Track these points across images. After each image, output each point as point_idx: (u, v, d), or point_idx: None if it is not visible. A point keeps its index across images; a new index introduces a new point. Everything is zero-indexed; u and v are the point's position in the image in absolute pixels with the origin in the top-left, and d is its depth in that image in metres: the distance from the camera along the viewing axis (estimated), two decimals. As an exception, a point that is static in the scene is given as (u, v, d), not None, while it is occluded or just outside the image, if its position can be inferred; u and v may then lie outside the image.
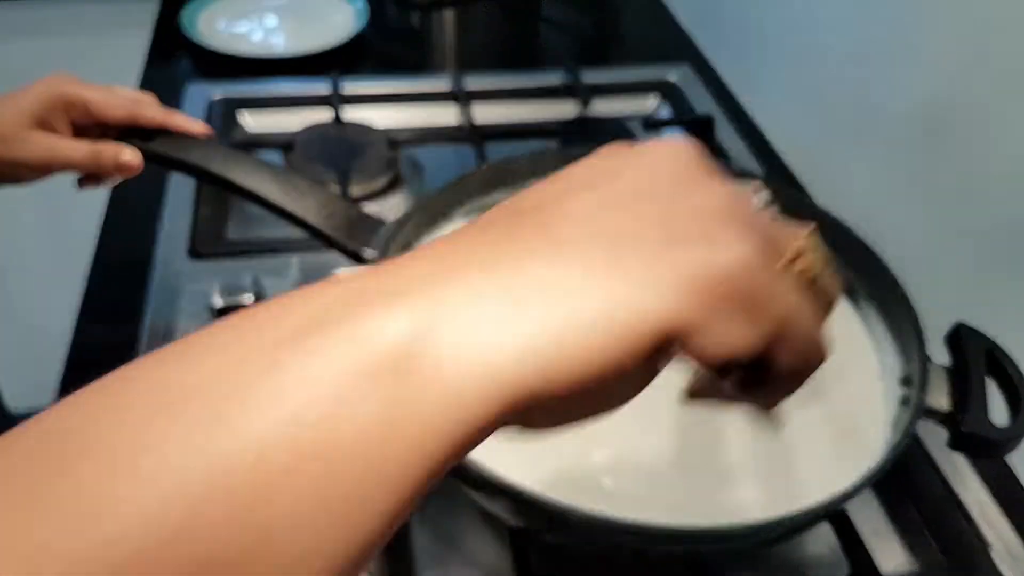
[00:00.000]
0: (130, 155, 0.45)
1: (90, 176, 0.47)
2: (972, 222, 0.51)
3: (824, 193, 0.66)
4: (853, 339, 0.44)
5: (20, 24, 0.98)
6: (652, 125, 0.73)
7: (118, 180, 0.47)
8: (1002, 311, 0.48)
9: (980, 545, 0.44)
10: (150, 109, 0.46)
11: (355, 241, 0.45)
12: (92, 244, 0.59)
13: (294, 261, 0.54)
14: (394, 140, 0.68)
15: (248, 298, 0.48)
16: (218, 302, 0.48)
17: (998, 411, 0.39)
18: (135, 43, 0.84)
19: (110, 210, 0.62)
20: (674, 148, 0.19)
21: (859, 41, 0.62)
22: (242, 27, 0.86)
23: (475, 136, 0.68)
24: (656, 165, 0.19)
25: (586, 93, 0.74)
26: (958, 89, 0.52)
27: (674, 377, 0.44)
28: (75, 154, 0.44)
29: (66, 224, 0.87)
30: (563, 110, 0.75)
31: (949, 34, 0.52)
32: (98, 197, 0.63)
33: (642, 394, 0.41)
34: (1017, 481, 0.47)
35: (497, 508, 0.37)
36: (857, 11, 0.62)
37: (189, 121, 0.46)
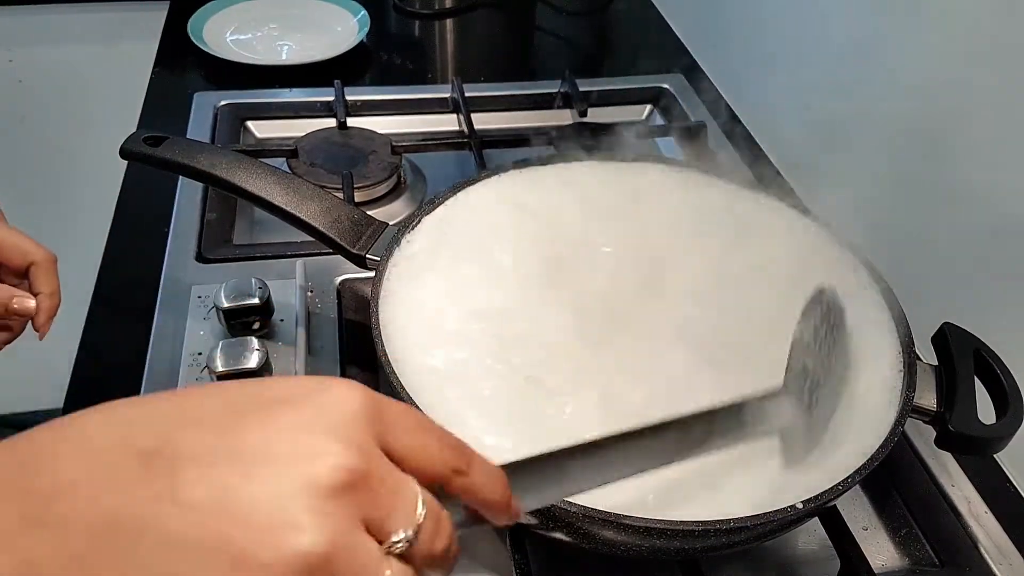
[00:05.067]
0: (21, 303, 0.42)
1: None
2: (961, 225, 0.52)
3: (816, 199, 0.67)
4: (879, 331, 0.45)
5: (29, 32, 1.00)
6: (645, 133, 0.74)
7: (15, 333, 0.44)
8: (989, 311, 0.49)
9: (969, 541, 0.44)
10: (46, 271, 0.43)
11: (358, 244, 0.46)
12: (101, 248, 0.60)
13: (299, 264, 0.55)
14: (396, 146, 0.69)
15: (254, 301, 0.49)
16: (224, 304, 0.49)
17: (985, 410, 0.40)
18: (143, 52, 0.85)
19: (119, 215, 0.63)
20: (329, 412, 0.19)
21: (851, 49, 0.63)
22: (248, 37, 0.88)
23: (474, 142, 0.70)
24: (298, 430, 0.19)
25: (582, 101, 0.76)
26: (947, 97, 0.53)
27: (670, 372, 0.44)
28: None
29: (76, 228, 0.88)
30: (559, 117, 0.77)
31: (938, 42, 0.53)
32: (108, 202, 0.64)
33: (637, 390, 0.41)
34: (1005, 477, 0.48)
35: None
36: (849, 20, 0.63)
37: (49, 314, 0.43)
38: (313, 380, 0.20)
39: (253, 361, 0.45)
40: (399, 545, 0.19)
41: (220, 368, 0.45)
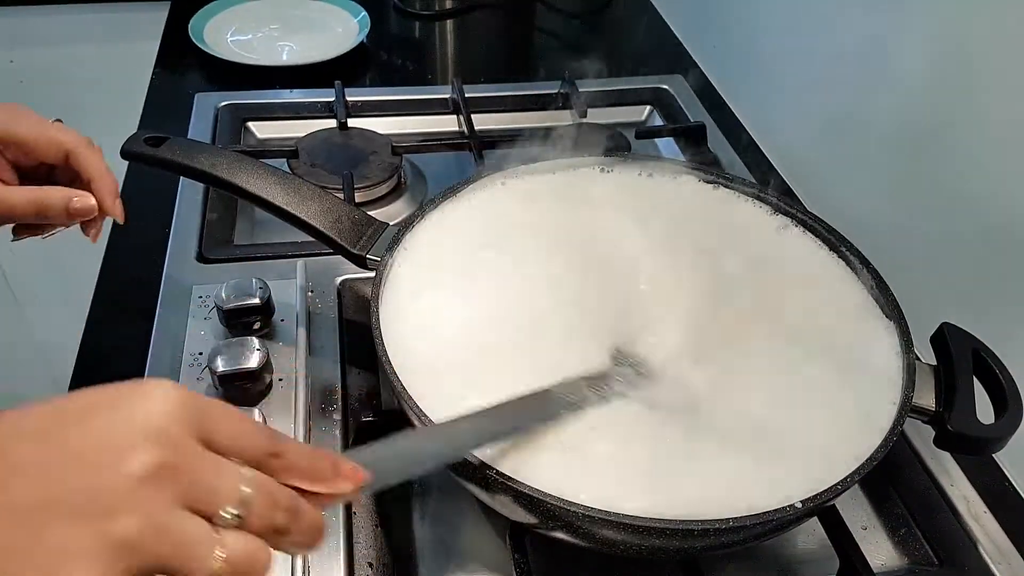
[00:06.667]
0: (81, 202, 0.40)
1: (29, 225, 0.41)
2: (960, 226, 0.52)
3: (816, 199, 0.67)
4: (877, 333, 0.45)
5: (31, 32, 1.00)
6: (644, 134, 0.74)
7: (62, 229, 0.41)
8: (988, 312, 0.49)
9: (968, 541, 0.45)
10: (84, 156, 0.41)
11: (359, 245, 0.47)
12: (102, 248, 0.60)
13: (299, 264, 0.55)
14: (396, 147, 0.69)
15: (254, 301, 0.49)
16: (225, 304, 0.49)
17: (984, 410, 0.40)
18: (144, 52, 0.85)
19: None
20: (148, 412, 0.22)
21: (850, 49, 0.63)
22: (248, 37, 0.88)
23: (475, 143, 0.70)
24: (120, 427, 0.22)
25: (582, 101, 0.76)
26: (947, 97, 0.53)
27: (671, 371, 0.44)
28: (13, 199, 0.38)
29: (76, 228, 0.88)
30: (559, 118, 0.77)
31: (937, 43, 0.53)
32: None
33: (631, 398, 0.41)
34: (1004, 477, 0.48)
35: (497, 503, 0.38)
36: (847, 21, 0.64)
37: (111, 193, 0.41)
38: (130, 385, 0.23)
39: (254, 361, 0.45)
40: (229, 519, 0.22)
41: (221, 368, 0.45)
